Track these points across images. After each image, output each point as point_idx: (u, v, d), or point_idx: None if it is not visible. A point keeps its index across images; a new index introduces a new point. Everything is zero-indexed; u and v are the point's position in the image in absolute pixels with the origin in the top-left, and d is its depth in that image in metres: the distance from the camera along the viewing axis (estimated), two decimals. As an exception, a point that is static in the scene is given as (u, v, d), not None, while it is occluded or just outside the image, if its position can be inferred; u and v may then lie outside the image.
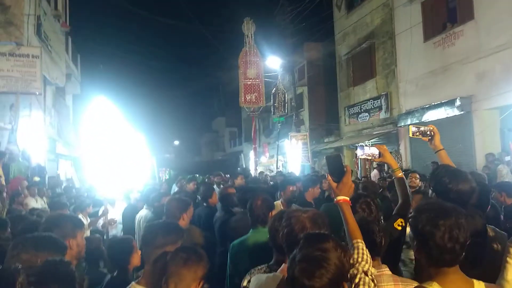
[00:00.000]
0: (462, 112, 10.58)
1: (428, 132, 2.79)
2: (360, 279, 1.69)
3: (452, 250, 1.57)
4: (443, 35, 11.60)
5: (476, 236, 2.06)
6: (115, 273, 2.74)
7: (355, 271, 1.70)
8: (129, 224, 5.31)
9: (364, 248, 1.79)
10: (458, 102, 10.63)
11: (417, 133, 2.80)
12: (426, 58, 12.30)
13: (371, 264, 1.76)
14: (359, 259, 1.73)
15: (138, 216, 4.84)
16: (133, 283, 2.19)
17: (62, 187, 10.66)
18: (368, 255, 1.78)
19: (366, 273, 1.71)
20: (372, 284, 1.69)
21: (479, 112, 10.45)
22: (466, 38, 10.81)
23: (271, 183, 9.08)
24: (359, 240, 1.81)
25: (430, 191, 2.56)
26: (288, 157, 19.18)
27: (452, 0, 11.59)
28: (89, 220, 5.72)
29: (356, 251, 1.77)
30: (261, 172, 14.29)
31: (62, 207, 4.88)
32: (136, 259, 2.72)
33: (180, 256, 1.85)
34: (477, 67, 10.40)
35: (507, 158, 9.03)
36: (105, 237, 5.19)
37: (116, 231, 6.01)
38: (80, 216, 4.68)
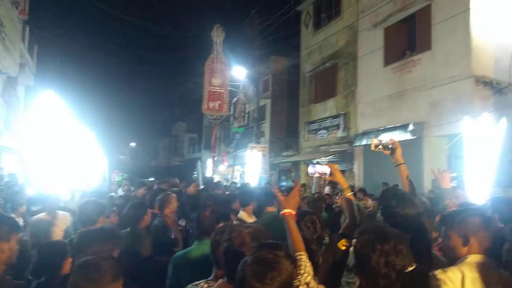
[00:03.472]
0: (414, 137, 11.01)
1: (390, 146, 2.81)
2: None
3: (387, 276, 1.56)
4: (402, 61, 12.10)
5: (420, 262, 2.06)
6: (42, 279, 2.54)
7: (297, 283, 1.71)
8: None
9: (307, 260, 1.81)
10: (411, 127, 11.08)
11: (380, 146, 2.83)
12: (384, 82, 12.75)
13: (313, 276, 1.77)
14: (301, 271, 1.75)
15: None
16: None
17: (3, 182, 9.97)
18: (310, 267, 1.79)
19: (307, 285, 1.72)
20: None
21: (430, 138, 10.94)
22: (422, 67, 11.33)
23: (227, 192, 8.94)
24: (302, 253, 1.83)
25: (378, 214, 2.57)
26: (246, 168, 19.14)
27: (413, 29, 12.14)
28: (22, 220, 5.34)
29: (298, 263, 1.78)
30: (218, 181, 14.12)
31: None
32: (67, 266, 2.53)
33: (83, 269, 1.68)
34: (431, 95, 10.92)
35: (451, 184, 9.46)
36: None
37: None
38: (13, 216, 4.34)
